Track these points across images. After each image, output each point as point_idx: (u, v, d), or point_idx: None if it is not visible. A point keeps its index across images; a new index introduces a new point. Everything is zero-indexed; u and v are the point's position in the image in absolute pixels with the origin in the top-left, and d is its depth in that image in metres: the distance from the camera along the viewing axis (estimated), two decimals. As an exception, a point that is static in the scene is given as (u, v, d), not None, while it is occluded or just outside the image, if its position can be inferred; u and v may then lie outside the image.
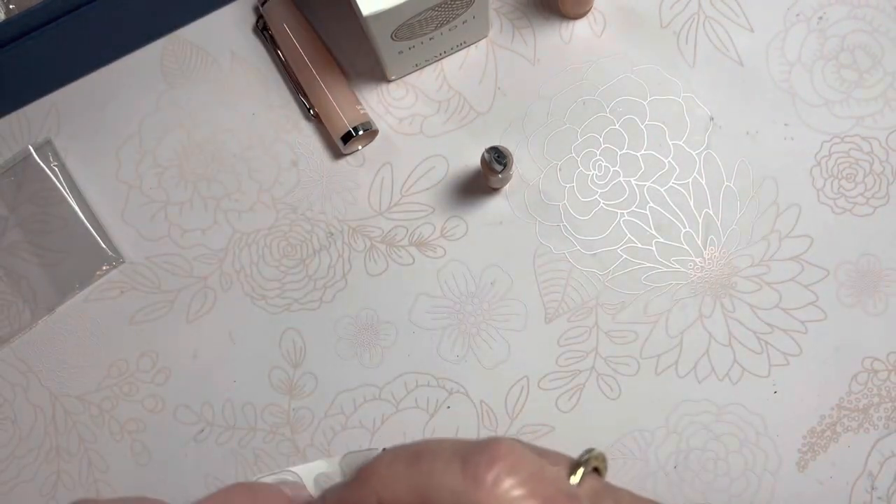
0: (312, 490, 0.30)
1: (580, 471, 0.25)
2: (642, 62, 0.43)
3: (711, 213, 0.42)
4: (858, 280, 0.41)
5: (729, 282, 0.41)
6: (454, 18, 0.39)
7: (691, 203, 0.42)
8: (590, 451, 0.25)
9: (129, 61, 0.46)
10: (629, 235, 0.42)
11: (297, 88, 0.44)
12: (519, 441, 0.26)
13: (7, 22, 0.41)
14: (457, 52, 0.44)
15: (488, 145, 0.38)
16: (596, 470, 0.26)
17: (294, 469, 0.30)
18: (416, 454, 0.25)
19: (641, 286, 0.42)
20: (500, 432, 0.41)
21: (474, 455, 0.24)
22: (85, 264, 0.44)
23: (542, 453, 0.25)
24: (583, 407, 0.41)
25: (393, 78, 0.44)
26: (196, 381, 0.43)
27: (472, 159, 0.43)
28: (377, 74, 0.44)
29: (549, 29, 0.43)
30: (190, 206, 0.44)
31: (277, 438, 0.43)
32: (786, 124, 0.42)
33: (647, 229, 0.42)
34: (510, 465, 0.23)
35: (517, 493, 0.23)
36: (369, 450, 0.34)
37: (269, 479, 0.29)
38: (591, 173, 0.42)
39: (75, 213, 0.44)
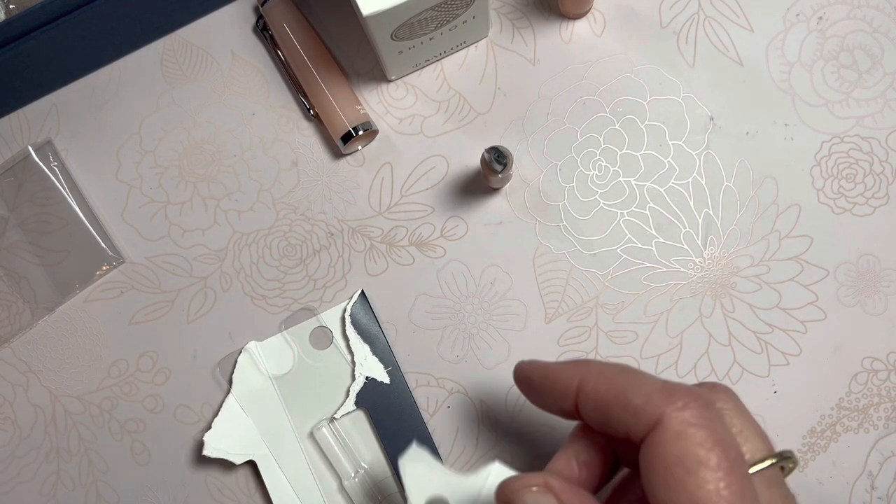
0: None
1: (767, 461, 0.26)
2: (642, 62, 0.43)
3: (711, 213, 0.42)
4: (858, 280, 0.41)
5: (729, 282, 0.41)
6: (454, 18, 0.39)
7: (691, 203, 0.42)
8: (788, 453, 0.26)
9: (129, 61, 0.46)
10: (629, 235, 0.42)
11: (297, 88, 0.44)
12: (734, 403, 0.28)
13: (7, 22, 0.41)
14: (457, 52, 0.44)
15: (488, 145, 0.38)
16: (783, 468, 0.27)
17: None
18: (629, 368, 0.28)
19: (641, 286, 0.42)
20: (500, 432, 0.41)
21: (679, 384, 0.26)
22: (85, 264, 0.44)
23: (748, 429, 0.27)
24: (583, 407, 0.41)
25: (393, 78, 0.44)
26: (196, 381, 0.43)
27: (472, 159, 0.43)
28: (377, 74, 0.44)
29: (549, 29, 0.43)
30: (190, 206, 0.44)
31: (277, 438, 0.43)
32: (786, 124, 0.42)
33: (647, 229, 0.42)
34: (703, 405, 0.25)
35: (695, 421, 0.24)
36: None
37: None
38: (591, 173, 0.42)
39: (75, 213, 0.44)
